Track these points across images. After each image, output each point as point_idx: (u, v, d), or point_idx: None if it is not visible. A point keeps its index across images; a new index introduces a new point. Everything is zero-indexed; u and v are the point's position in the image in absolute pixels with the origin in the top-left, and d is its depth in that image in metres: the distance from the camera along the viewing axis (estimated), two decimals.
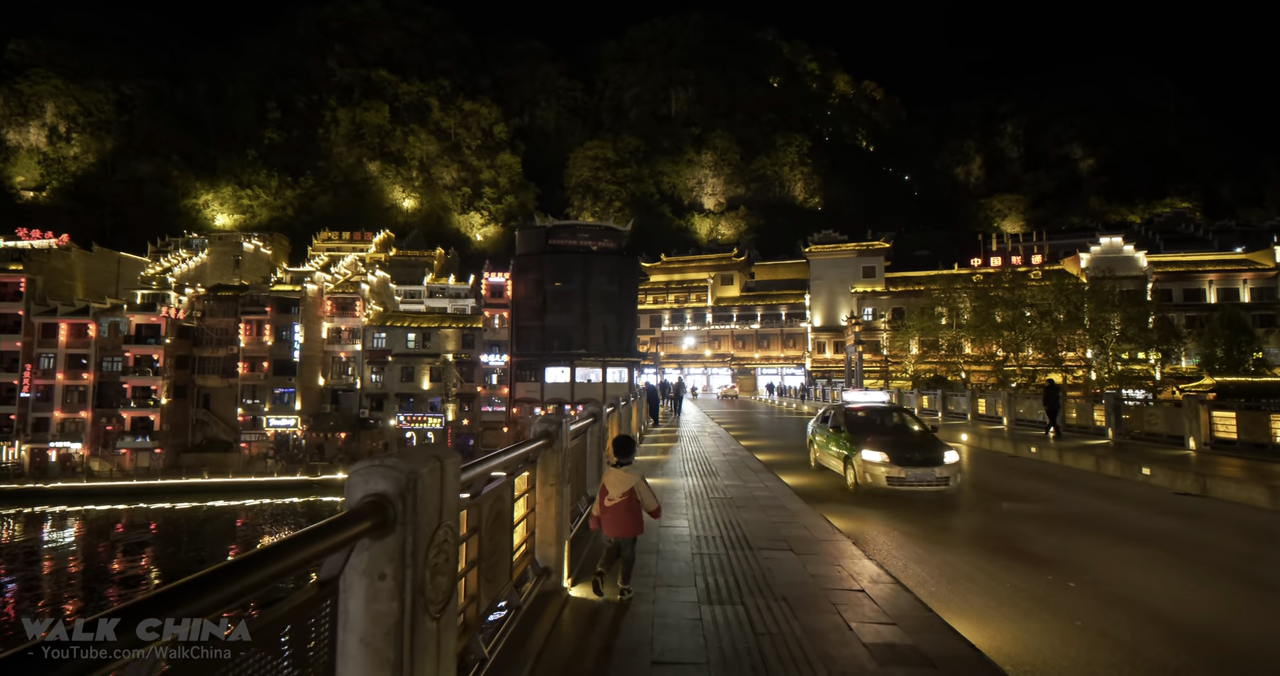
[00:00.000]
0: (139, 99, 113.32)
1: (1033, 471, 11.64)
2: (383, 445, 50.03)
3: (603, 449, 6.85)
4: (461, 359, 52.33)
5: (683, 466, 10.56)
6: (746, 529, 6.13)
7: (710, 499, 7.78)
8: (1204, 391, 37.95)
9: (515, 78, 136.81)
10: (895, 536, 6.92)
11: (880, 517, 7.84)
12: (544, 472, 3.96)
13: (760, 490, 8.38)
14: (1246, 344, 44.96)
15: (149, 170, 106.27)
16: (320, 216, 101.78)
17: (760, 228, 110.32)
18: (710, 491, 8.31)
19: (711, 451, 12.87)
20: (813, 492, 9.07)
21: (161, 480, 43.90)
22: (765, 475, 9.72)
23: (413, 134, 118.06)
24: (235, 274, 58.19)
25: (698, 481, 9.10)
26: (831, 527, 6.22)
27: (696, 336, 66.37)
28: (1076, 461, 11.91)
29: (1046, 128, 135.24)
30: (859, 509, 8.27)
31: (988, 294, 44.90)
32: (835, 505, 8.22)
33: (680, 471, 10.02)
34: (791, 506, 7.31)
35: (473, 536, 2.69)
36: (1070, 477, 10.78)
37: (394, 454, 1.89)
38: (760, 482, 9.00)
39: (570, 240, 51.88)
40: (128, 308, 46.91)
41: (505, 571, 3.14)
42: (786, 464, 12.16)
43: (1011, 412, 16.87)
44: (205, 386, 49.31)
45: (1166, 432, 12.08)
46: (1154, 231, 71.05)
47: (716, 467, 10.49)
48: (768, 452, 13.84)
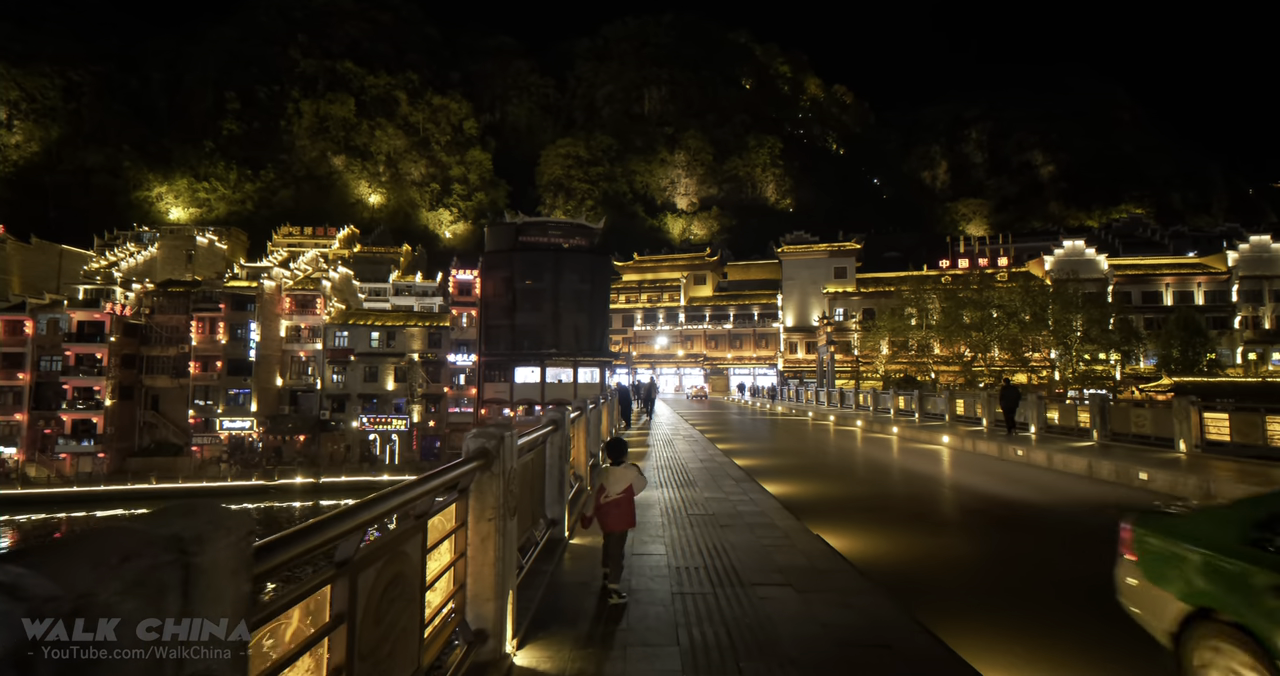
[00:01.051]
0: (88, 86, 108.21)
1: (1016, 477, 11.19)
2: (344, 447, 48.24)
3: (565, 461, 5.86)
4: (428, 358, 50.78)
5: (657, 475, 9.80)
6: (735, 556, 5.38)
7: (690, 515, 7.03)
8: (1162, 391, 38.84)
9: (486, 73, 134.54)
10: (910, 562, 6.25)
11: (883, 536, 7.18)
12: (479, 504, 3.11)
13: (745, 504, 7.67)
14: (1201, 345, 46.33)
15: (98, 160, 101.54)
16: (282, 211, 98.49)
17: (733, 228, 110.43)
18: (689, 505, 7.58)
19: (688, 457, 12.11)
20: (800, 504, 8.38)
21: (105, 486, 41.48)
22: (747, 484, 9.02)
23: (379, 128, 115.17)
24: (188, 269, 55.55)
25: (674, 493, 8.36)
26: (832, 553, 5.51)
27: (669, 336, 65.80)
28: (1067, 464, 11.52)
29: (1009, 134, 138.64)
30: (853, 524, 7.61)
31: (956, 295, 45.38)
32: (827, 520, 7.53)
33: (655, 481, 9.29)
34: (782, 524, 6.61)
35: (338, 627, 1.75)
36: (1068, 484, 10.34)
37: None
38: (743, 493, 8.32)
39: (541, 237, 50.79)
40: (68, 304, 44.20)
41: (409, 653, 2.20)
42: (767, 470, 11.51)
43: (991, 414, 16.56)
44: (154, 387, 46.86)
45: (1155, 434, 11.78)
46: (1113, 235, 72.96)
47: (694, 476, 9.73)
48: (746, 457, 13.15)
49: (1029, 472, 11.58)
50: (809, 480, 10.97)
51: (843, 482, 11.25)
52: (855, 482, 11.40)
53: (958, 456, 14.04)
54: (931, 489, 10.81)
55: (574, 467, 7.19)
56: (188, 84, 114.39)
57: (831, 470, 12.84)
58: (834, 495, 9.95)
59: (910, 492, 10.50)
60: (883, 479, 12.04)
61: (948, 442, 15.66)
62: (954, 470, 12.36)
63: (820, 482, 11.02)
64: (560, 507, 5.66)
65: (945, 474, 12.08)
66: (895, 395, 22.41)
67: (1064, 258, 54.44)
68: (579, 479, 7.49)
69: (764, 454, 14.54)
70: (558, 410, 5.77)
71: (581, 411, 7.35)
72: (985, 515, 8.57)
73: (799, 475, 11.51)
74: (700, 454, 12.55)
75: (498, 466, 3.18)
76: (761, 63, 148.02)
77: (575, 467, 7.37)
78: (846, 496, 9.84)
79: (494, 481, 3.16)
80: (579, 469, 7.53)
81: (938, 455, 14.35)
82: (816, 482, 10.98)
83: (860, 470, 13.04)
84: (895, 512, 8.70)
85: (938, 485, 11.10)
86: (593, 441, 9.33)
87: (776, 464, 12.75)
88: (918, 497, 9.98)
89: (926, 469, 12.62)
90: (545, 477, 5.41)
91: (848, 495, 9.98)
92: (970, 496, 9.92)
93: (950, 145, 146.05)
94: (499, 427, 3.29)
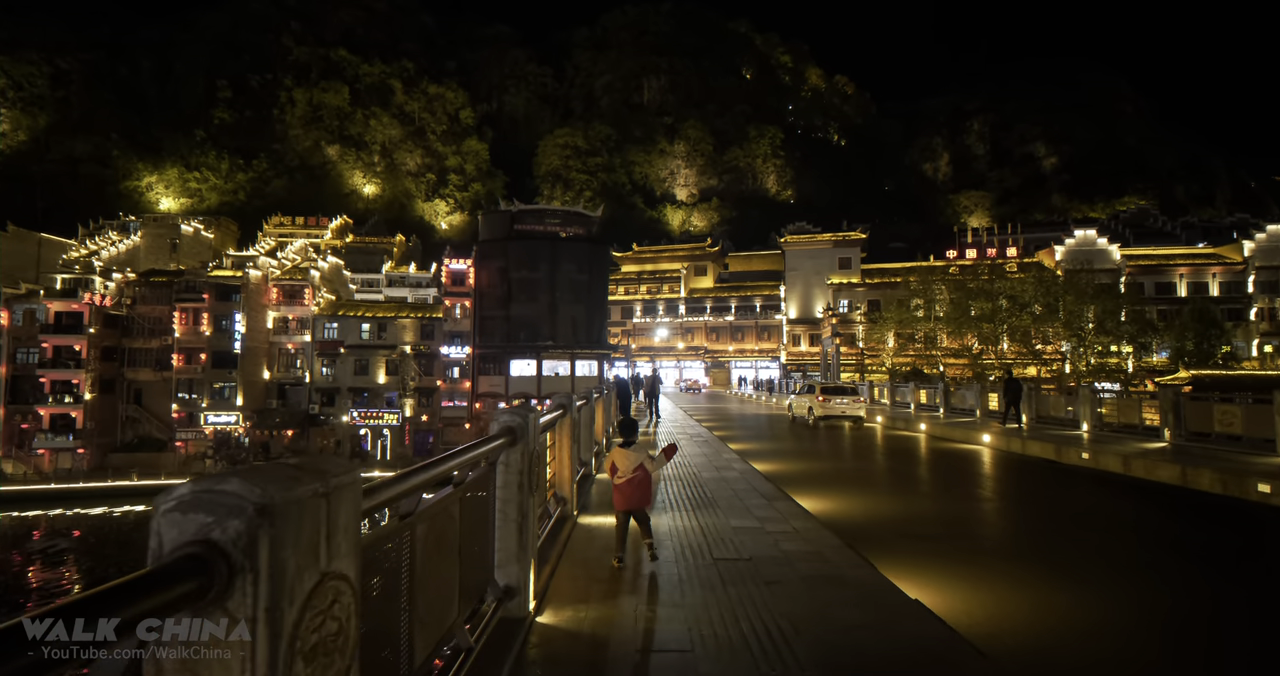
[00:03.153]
0: (76, 74, 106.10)
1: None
2: (334, 443, 46.80)
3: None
4: (420, 351, 49.24)
5: (666, 490, 8.02)
6: (800, 643, 3.42)
7: (716, 561, 4.95)
8: (1180, 384, 37.47)
9: (483, 62, 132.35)
10: None
11: (1011, 588, 5.60)
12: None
13: (789, 537, 5.65)
14: (1216, 337, 45.06)
15: (86, 149, 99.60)
16: (275, 202, 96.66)
17: (733, 220, 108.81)
18: (713, 542, 5.53)
19: (699, 463, 10.34)
20: (852, 529, 6.56)
21: (85, 483, 40.02)
22: (782, 504, 7.11)
23: (374, 117, 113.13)
24: (172, 258, 53.86)
25: (690, 521, 6.31)
26: (952, 635, 3.61)
27: (669, 328, 64.30)
28: (1150, 472, 9.81)
29: (1011, 126, 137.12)
30: (943, 565, 6.03)
31: (965, 285, 44.13)
32: (897, 555, 5.93)
33: (664, 500, 7.32)
34: (855, 573, 4.70)
35: None
36: None
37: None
38: (782, 520, 6.35)
39: (537, 226, 49.23)
40: (45, 294, 42.50)
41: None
42: (795, 478, 9.84)
43: (1033, 410, 14.96)
44: (136, 380, 45.29)
45: (1248, 435, 10.10)
46: (1123, 226, 71.35)
47: (713, 493, 7.83)
48: (765, 460, 11.45)
49: (1113, 484, 10.07)
50: (850, 493, 9.41)
51: (894, 497, 9.59)
52: (911, 496, 9.61)
53: (1006, 460, 12.46)
54: (1010, 504, 9.02)
55: (553, 487, 5.71)
56: (178, 72, 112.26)
57: (874, 479, 11.20)
58: (892, 515, 8.31)
59: (995, 510, 8.68)
60: (947, 491, 10.24)
61: (989, 442, 14.08)
62: (1010, 476, 10.81)
63: (865, 496, 9.40)
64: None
65: (1007, 481, 10.49)
66: (916, 389, 20.85)
67: (1075, 248, 53.03)
68: (562, 501, 5.99)
69: (785, 456, 12.93)
70: (515, 415, 3.82)
71: (564, 410, 5.55)
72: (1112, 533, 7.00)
73: (835, 485, 9.95)
74: (714, 458, 10.85)
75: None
76: (762, 52, 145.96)
77: (557, 487, 5.87)
78: (909, 517, 8.17)
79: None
80: (560, 489, 5.99)
81: (981, 457, 12.83)
82: (860, 496, 9.40)
83: (910, 479, 11.34)
84: (992, 545, 6.93)
85: (1014, 497, 9.42)
86: (584, 448, 7.78)
87: (803, 469, 11.20)
88: (1008, 517, 8.18)
89: (982, 473, 11.05)
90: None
91: (910, 515, 8.28)
92: (1063, 508, 8.37)
93: (952, 137, 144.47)
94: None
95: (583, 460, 7.50)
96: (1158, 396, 11.09)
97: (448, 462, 2.51)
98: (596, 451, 8.56)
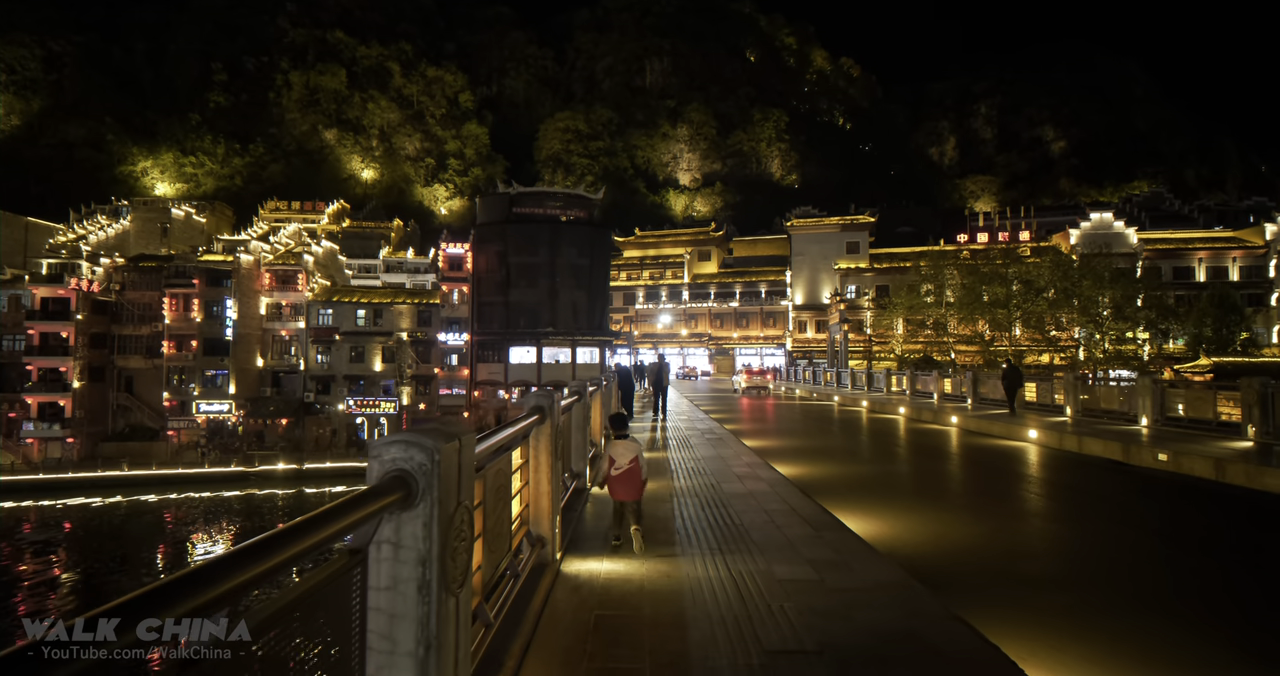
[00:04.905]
0: (69, 56, 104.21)
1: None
2: (330, 432, 45.82)
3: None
4: (417, 338, 48.08)
5: (679, 512, 6.11)
6: None
7: (768, 654, 3.23)
8: (1200, 372, 36.17)
9: (482, 45, 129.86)
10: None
11: None
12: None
13: (860, 599, 3.98)
14: (1236, 323, 43.80)
15: (80, 134, 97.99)
16: (272, 187, 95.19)
17: (737, 205, 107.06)
18: (758, 614, 3.76)
19: (718, 469, 8.26)
20: (931, 568, 5.24)
21: (74, 473, 39.12)
22: (837, 535, 5.35)
23: (372, 100, 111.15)
24: (163, 243, 52.55)
25: (718, 569, 4.57)
26: None
27: (672, 314, 63.02)
28: (1254, 480, 8.16)
29: (1019, 109, 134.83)
30: None
31: (979, 270, 42.85)
32: (1021, 610, 4.58)
33: (680, 529, 5.59)
34: None
35: None
36: None
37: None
38: (842, 564, 4.64)
39: (537, 208, 47.81)
40: (30, 279, 41.31)
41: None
42: (831, 484, 8.22)
43: (1076, 402, 13.58)
44: (127, 368, 44.25)
45: None
46: (1138, 209, 69.53)
47: (741, 516, 5.96)
48: (787, 461, 9.82)
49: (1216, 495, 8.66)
50: (901, 508, 7.70)
51: (963, 515, 7.66)
52: (983, 514, 7.74)
53: (1064, 461, 11.00)
54: (1119, 526, 7.17)
55: (526, 525, 4.54)
56: (173, 54, 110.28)
57: (924, 488, 9.36)
58: (972, 544, 6.46)
59: (1108, 536, 6.81)
60: (1023, 503, 8.30)
61: (1035, 438, 12.63)
62: (1088, 483, 9.41)
63: (922, 513, 7.66)
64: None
65: (1089, 491, 9.03)
66: (940, 377, 19.47)
67: (1091, 231, 51.53)
68: (539, 542, 4.84)
69: (806, 456, 11.34)
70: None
71: (543, 413, 4.20)
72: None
73: (877, 495, 8.33)
74: (732, 461, 9.11)
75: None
76: (766, 34, 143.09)
77: (532, 523, 4.70)
78: (1000, 548, 6.29)
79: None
80: (537, 526, 4.74)
81: (1033, 457, 11.36)
82: (917, 514, 7.68)
83: (968, 488, 9.52)
84: (1147, 601, 5.05)
85: (1116, 515, 7.72)
86: (577, 457, 6.50)
87: (833, 474, 9.66)
88: (1136, 549, 6.30)
89: (1052, 479, 9.64)
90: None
91: (1000, 545, 6.38)
92: None
93: (959, 120, 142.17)
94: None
95: (574, 471, 6.34)
96: (1239, 387, 9.76)
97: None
98: (594, 454, 7.29)
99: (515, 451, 3.55)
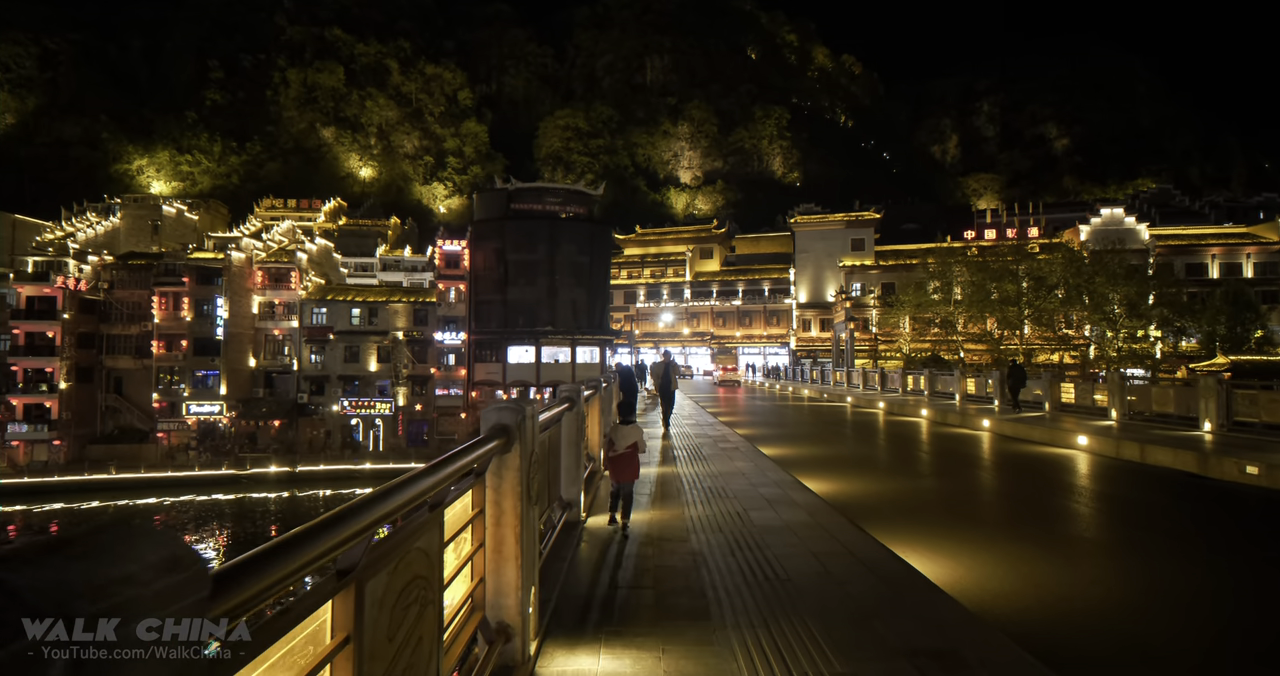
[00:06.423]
0: (65, 54, 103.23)
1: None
2: (324, 433, 44.77)
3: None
4: (414, 337, 47.02)
5: (706, 555, 4.89)
6: None
7: None
8: (1219, 370, 35.10)
9: (481, 42, 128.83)
10: None
11: None
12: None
13: None
14: (1251, 320, 42.73)
15: (75, 132, 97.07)
16: (269, 185, 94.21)
17: (738, 203, 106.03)
18: None
19: (744, 492, 6.85)
20: (1038, 637, 3.98)
21: (61, 476, 38.10)
22: (919, 597, 4.11)
23: (370, 98, 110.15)
24: (154, 241, 51.48)
25: (772, 665, 3.19)
26: None
27: (674, 313, 61.95)
28: None
29: (1022, 107, 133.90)
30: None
31: (988, 266, 41.84)
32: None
33: (708, 584, 4.30)
34: None
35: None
36: None
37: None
38: (956, 660, 3.24)
39: (536, 205, 46.75)
40: (14, 277, 40.24)
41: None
42: (876, 506, 6.95)
43: (1122, 403, 12.48)
44: (116, 368, 43.20)
45: None
46: (1147, 205, 68.36)
47: (784, 562, 4.68)
48: (811, 473, 8.48)
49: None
50: (971, 542, 6.38)
51: (1047, 553, 6.23)
52: (1067, 549, 6.41)
53: (1130, 472, 9.70)
54: (1244, 561, 6.00)
55: None
56: (169, 52, 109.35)
57: (985, 512, 7.91)
58: (1087, 599, 5.02)
59: (1241, 581, 5.51)
60: (1108, 531, 7.00)
61: (1086, 446, 11.37)
62: (1171, 502, 8.05)
63: (1000, 550, 6.23)
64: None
65: (1176, 513, 7.62)
66: (962, 378, 18.27)
67: (1101, 227, 50.45)
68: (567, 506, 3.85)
69: (840, 468, 10.13)
70: None
71: (506, 436, 2.98)
72: None
73: (932, 520, 6.88)
74: (755, 478, 7.70)
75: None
76: (767, 31, 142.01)
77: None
78: (1116, 603, 4.96)
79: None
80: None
81: (1091, 469, 10.07)
82: (992, 551, 6.22)
83: (1032, 510, 8.04)
84: None
85: (1223, 544, 6.35)
86: (568, 483, 5.41)
87: (878, 491, 8.29)
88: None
89: (1130, 497, 8.26)
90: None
91: (1113, 599, 5.06)
92: None
93: (961, 118, 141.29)
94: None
95: (564, 500, 5.37)
96: None
97: None
98: (590, 471, 6.36)
99: (458, 502, 2.35)
